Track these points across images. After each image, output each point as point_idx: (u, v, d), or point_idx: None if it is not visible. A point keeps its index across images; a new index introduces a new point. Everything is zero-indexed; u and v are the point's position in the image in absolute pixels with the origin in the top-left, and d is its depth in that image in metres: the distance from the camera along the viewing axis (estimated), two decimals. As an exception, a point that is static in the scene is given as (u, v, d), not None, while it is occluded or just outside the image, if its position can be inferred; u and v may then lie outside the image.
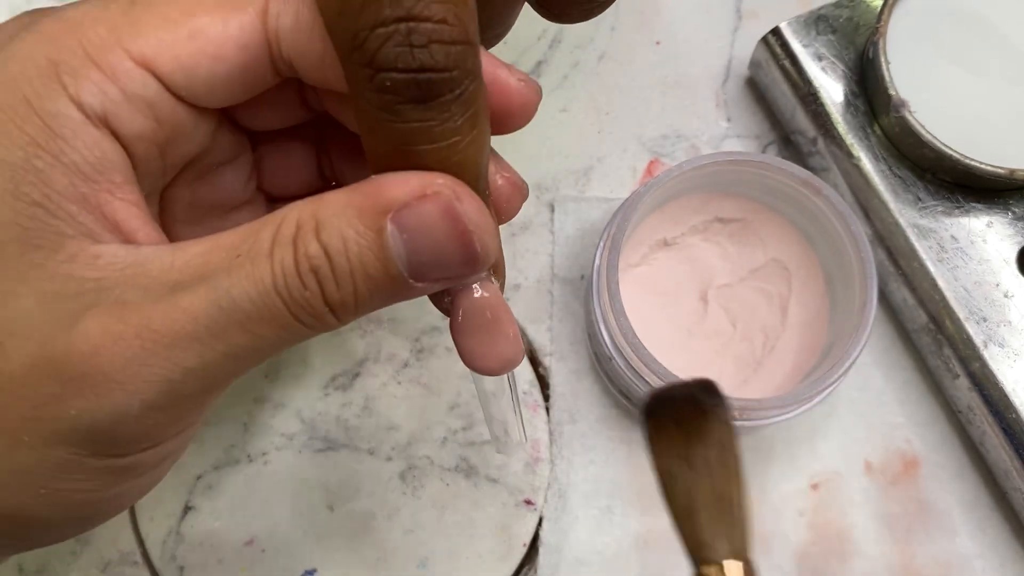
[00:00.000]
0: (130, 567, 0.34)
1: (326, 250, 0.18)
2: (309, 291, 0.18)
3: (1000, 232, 0.34)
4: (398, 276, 0.19)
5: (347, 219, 0.18)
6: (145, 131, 0.20)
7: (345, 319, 0.20)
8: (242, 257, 0.19)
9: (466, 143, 0.19)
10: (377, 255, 0.18)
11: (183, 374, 0.19)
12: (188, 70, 0.20)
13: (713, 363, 0.34)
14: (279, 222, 0.19)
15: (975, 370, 0.33)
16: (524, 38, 0.40)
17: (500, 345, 0.22)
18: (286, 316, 0.19)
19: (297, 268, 0.18)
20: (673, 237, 0.35)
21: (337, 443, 0.35)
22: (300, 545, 0.34)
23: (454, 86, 0.18)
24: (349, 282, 0.19)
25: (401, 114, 0.18)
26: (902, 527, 0.34)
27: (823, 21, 0.36)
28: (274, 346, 0.19)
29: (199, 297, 0.18)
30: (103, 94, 0.19)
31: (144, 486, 0.22)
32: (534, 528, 0.34)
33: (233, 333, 0.18)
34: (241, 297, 0.18)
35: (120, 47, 0.19)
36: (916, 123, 0.33)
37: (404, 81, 0.17)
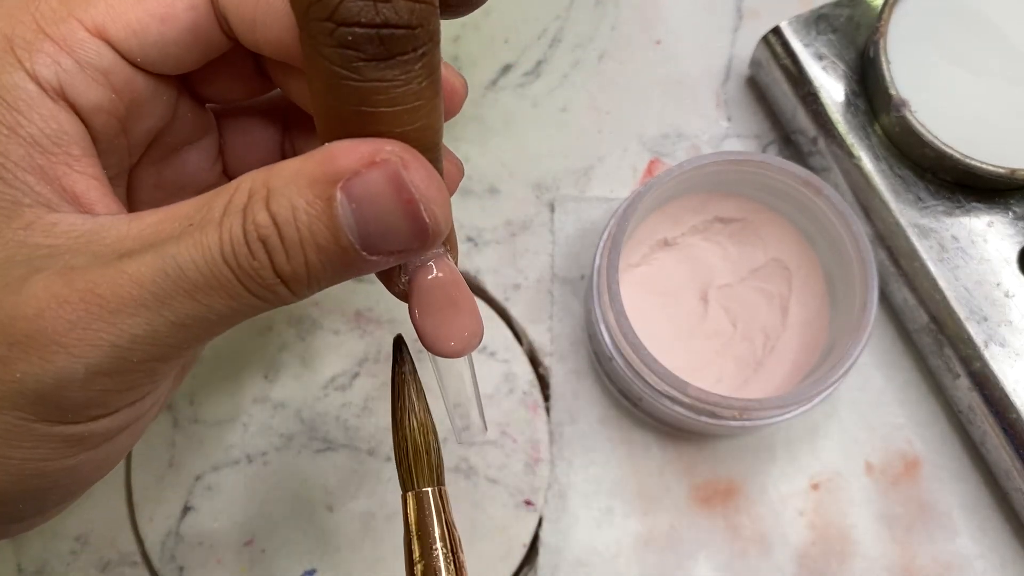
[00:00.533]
0: (129, 567, 0.34)
1: (275, 219, 0.18)
2: (258, 261, 0.18)
3: (1001, 232, 0.34)
4: (349, 247, 0.18)
5: (297, 188, 0.18)
6: (103, 101, 0.20)
7: (299, 291, 0.19)
8: (193, 225, 0.18)
9: (428, 109, 0.18)
10: (327, 225, 0.18)
11: (129, 340, 0.18)
12: (139, 35, 0.20)
13: (713, 363, 0.34)
14: (233, 190, 0.19)
15: (976, 370, 0.33)
16: (524, 37, 0.40)
17: (460, 323, 0.21)
18: (235, 286, 0.18)
19: (245, 237, 0.18)
20: (673, 237, 0.35)
21: (337, 443, 0.35)
22: (300, 545, 0.34)
23: (417, 44, 0.17)
24: (299, 253, 0.18)
25: (361, 72, 0.17)
26: (902, 527, 0.34)
27: (824, 20, 0.36)
28: (226, 317, 0.19)
29: (145, 263, 0.18)
30: (57, 65, 0.20)
31: (102, 460, 0.22)
32: (534, 529, 0.34)
33: (180, 301, 0.18)
34: (187, 264, 0.18)
35: (73, 17, 0.20)
36: (917, 123, 0.33)
37: (366, 36, 0.17)
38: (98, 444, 0.21)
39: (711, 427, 0.32)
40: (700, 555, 0.34)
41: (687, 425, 0.33)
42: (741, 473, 0.35)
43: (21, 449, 0.19)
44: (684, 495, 0.35)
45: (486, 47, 0.40)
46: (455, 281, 0.21)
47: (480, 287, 0.37)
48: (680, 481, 0.35)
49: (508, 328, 0.36)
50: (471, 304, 0.21)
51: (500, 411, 0.35)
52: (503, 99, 0.39)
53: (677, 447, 0.35)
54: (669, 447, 0.35)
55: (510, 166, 0.38)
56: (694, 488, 0.35)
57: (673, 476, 0.35)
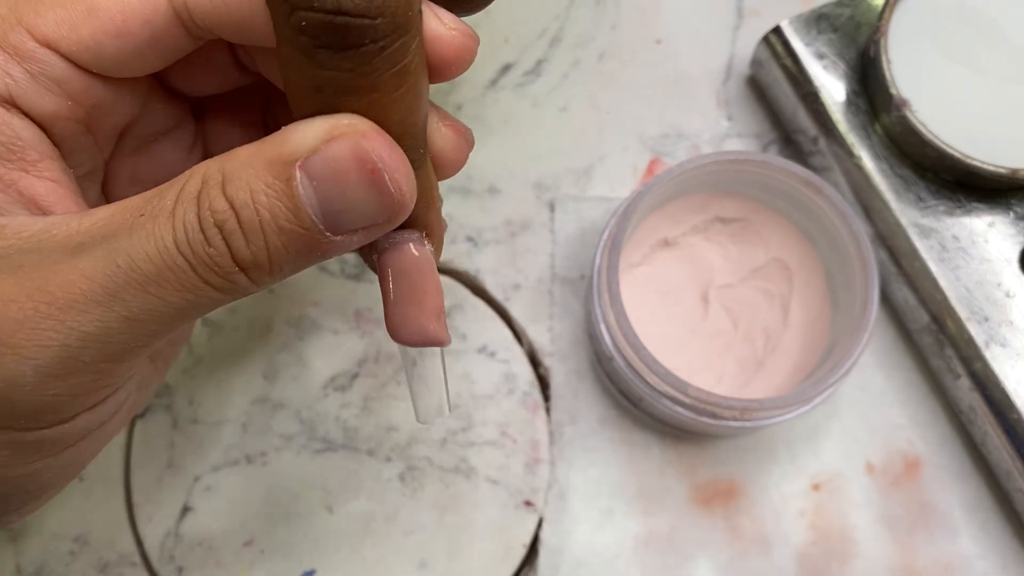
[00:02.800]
0: (128, 568, 0.33)
1: (232, 204, 0.17)
2: (214, 248, 0.17)
3: (1002, 232, 0.33)
4: (312, 228, 0.17)
5: (254, 171, 0.17)
6: (59, 110, 0.20)
7: (259, 279, 0.18)
8: (145, 216, 0.18)
9: (388, 100, 0.17)
10: (288, 206, 0.17)
11: (80, 339, 0.18)
12: (92, 49, 0.19)
13: (714, 363, 0.34)
14: (185, 179, 0.18)
15: (977, 370, 0.33)
16: (524, 37, 0.40)
17: (424, 317, 0.20)
18: (191, 276, 0.18)
19: (200, 224, 0.17)
20: (674, 237, 0.35)
21: (336, 444, 0.35)
22: (299, 546, 0.34)
23: (376, 36, 0.16)
24: (259, 236, 0.17)
25: (317, 59, 0.17)
26: (903, 528, 0.34)
27: (824, 20, 0.36)
28: (181, 311, 0.18)
29: (96, 258, 0.17)
30: (6, 75, 0.19)
31: (65, 467, 0.21)
32: (534, 529, 0.34)
33: (132, 294, 0.17)
34: (139, 256, 0.17)
35: (21, 26, 0.19)
36: (917, 122, 0.33)
37: (319, 23, 0.16)
38: (58, 451, 0.20)
39: (712, 427, 0.32)
40: (701, 556, 0.34)
41: (688, 425, 0.33)
42: (742, 473, 0.35)
43: None
44: (685, 495, 0.34)
45: (486, 46, 0.40)
46: (423, 269, 0.20)
47: (480, 287, 0.37)
48: (681, 481, 0.35)
49: (508, 328, 0.36)
50: (436, 300, 0.21)
51: (500, 411, 0.35)
52: (503, 99, 0.39)
53: (678, 447, 0.35)
54: (670, 447, 0.35)
55: (510, 166, 0.38)
56: (695, 488, 0.35)
57: (674, 476, 0.35)
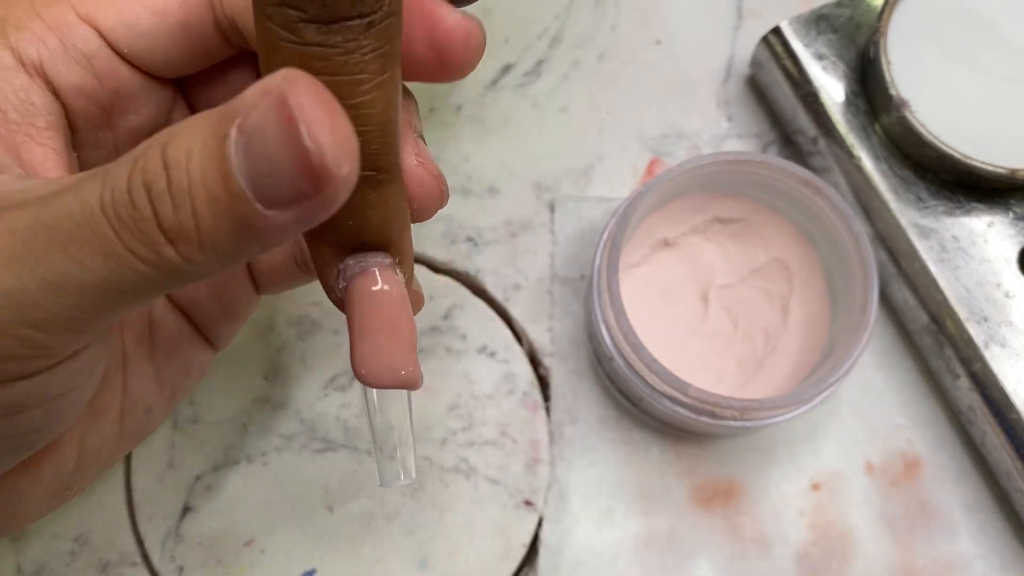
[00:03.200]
0: (129, 568, 0.34)
1: (166, 163, 0.16)
2: (138, 211, 0.16)
3: (1001, 232, 0.33)
4: (240, 195, 0.15)
5: (196, 129, 0.16)
6: (83, 84, 0.21)
7: (189, 255, 0.16)
8: (86, 176, 0.17)
9: (372, 85, 0.17)
10: (217, 167, 0.15)
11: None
12: (128, 24, 0.20)
13: (714, 363, 0.34)
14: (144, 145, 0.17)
15: (976, 370, 0.33)
16: (524, 37, 0.40)
17: (394, 352, 0.19)
18: (113, 241, 0.16)
19: (129, 183, 0.16)
20: (674, 237, 0.35)
21: (336, 444, 0.35)
22: (299, 546, 0.34)
23: (363, 9, 0.16)
24: (187, 201, 0.15)
25: (301, 34, 0.16)
26: (903, 528, 0.34)
27: (824, 20, 0.36)
28: (107, 281, 0.16)
29: (25, 212, 0.16)
30: (41, 43, 0.20)
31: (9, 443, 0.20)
32: (534, 529, 0.34)
33: (53, 255, 0.16)
34: (62, 213, 0.16)
35: (67, 2, 0.20)
36: (917, 123, 0.33)
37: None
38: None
39: (712, 427, 0.32)
40: (700, 555, 0.34)
41: (688, 425, 0.33)
42: (742, 473, 0.35)
43: None
44: (684, 495, 0.35)
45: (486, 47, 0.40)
46: (396, 300, 0.19)
47: (480, 287, 0.37)
48: (680, 481, 0.35)
49: (508, 328, 0.36)
50: (412, 332, 0.19)
51: (500, 411, 0.35)
52: (503, 99, 0.39)
53: (677, 447, 0.35)
54: (669, 447, 0.35)
55: (510, 166, 0.38)
56: (694, 488, 0.35)
57: (673, 476, 0.35)
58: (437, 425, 0.35)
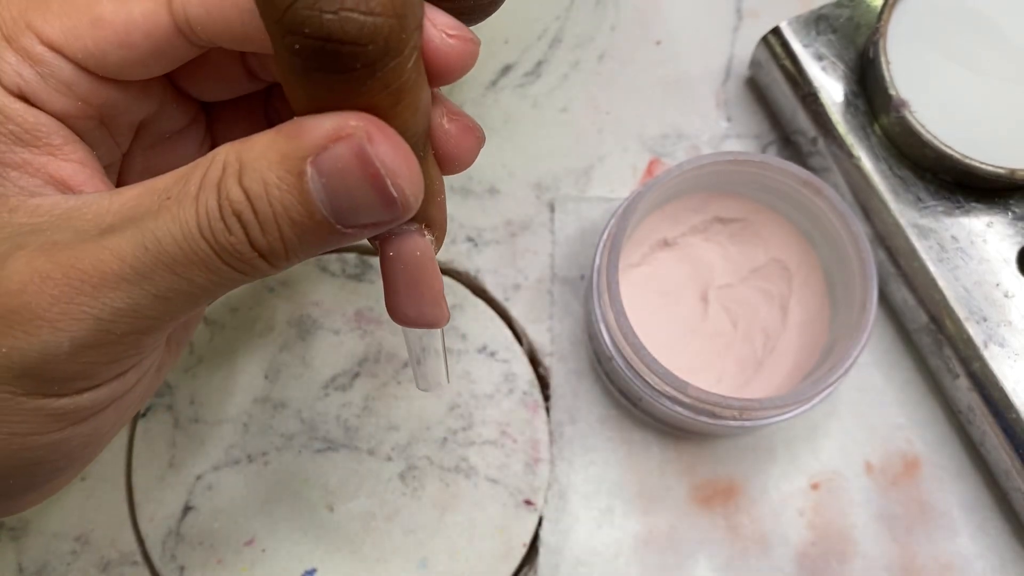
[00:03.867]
0: (130, 567, 0.34)
1: (248, 194, 0.18)
2: (234, 236, 0.18)
3: (1000, 232, 0.34)
4: (323, 221, 0.18)
5: (268, 163, 0.18)
6: (69, 109, 0.21)
7: (279, 264, 0.19)
8: (171, 200, 0.19)
9: (385, 116, 0.18)
10: (299, 200, 0.18)
11: (112, 314, 0.19)
12: (96, 56, 0.20)
13: (714, 363, 0.34)
14: (208, 164, 0.19)
15: (975, 370, 0.33)
16: (524, 38, 0.40)
17: (420, 304, 0.21)
18: (214, 260, 0.18)
19: (220, 212, 0.18)
20: (673, 237, 0.35)
21: (337, 443, 0.35)
22: (300, 545, 0.34)
23: (368, 61, 0.16)
24: (274, 227, 0.18)
25: (312, 79, 0.17)
26: (902, 527, 0.34)
27: (823, 21, 0.36)
28: (208, 289, 0.19)
29: (126, 238, 0.18)
30: (18, 75, 0.20)
31: (90, 435, 0.22)
32: (534, 528, 0.34)
33: (161, 274, 0.18)
34: (166, 239, 0.18)
35: (30, 30, 0.20)
36: (916, 123, 0.33)
37: (312, 48, 0.16)
38: (85, 418, 0.21)
39: (711, 427, 0.32)
40: (700, 555, 0.34)
41: (687, 425, 0.33)
42: (741, 473, 0.35)
43: (8, 423, 0.19)
44: (684, 495, 0.35)
45: (486, 47, 0.40)
46: (421, 260, 0.21)
47: (480, 287, 0.37)
48: (680, 481, 0.35)
49: (508, 328, 0.36)
50: (433, 288, 0.21)
51: (500, 411, 0.35)
52: (503, 99, 0.39)
53: (677, 447, 0.35)
54: (669, 447, 0.35)
55: (510, 166, 0.38)
56: (694, 488, 0.35)
57: (673, 476, 0.35)
58: (437, 425, 0.35)
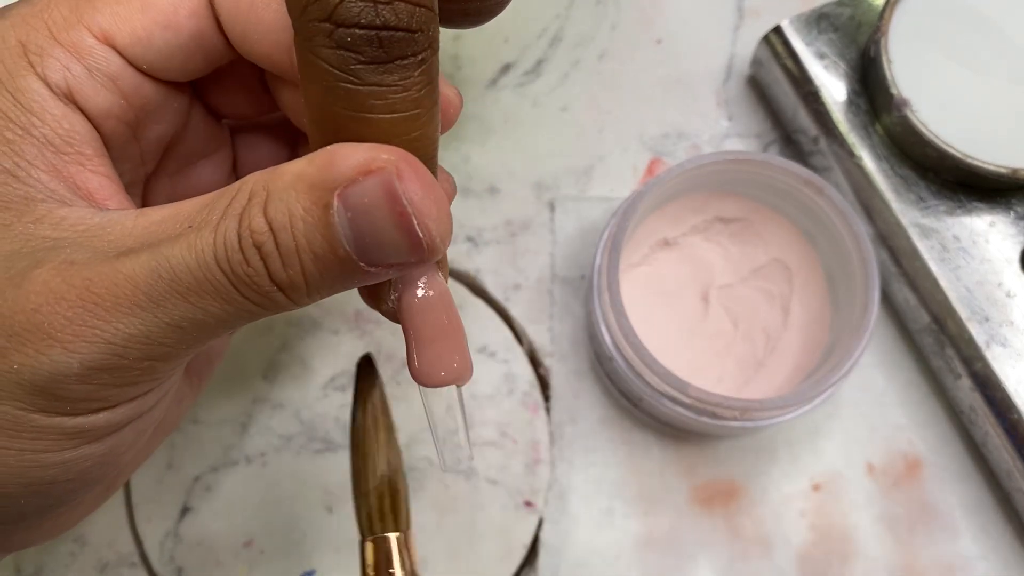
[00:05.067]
0: (128, 568, 0.33)
1: (271, 225, 0.17)
2: (252, 267, 0.18)
3: (1003, 232, 0.33)
4: (347, 258, 0.18)
5: (296, 193, 0.17)
6: (112, 106, 0.21)
7: (298, 299, 0.18)
8: (192, 227, 0.18)
9: (426, 118, 0.18)
10: (323, 234, 0.17)
11: (124, 339, 0.18)
12: (144, 41, 0.21)
13: (715, 363, 0.34)
14: (236, 191, 0.18)
15: (977, 370, 0.33)
16: (524, 36, 0.40)
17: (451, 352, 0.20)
18: (230, 291, 0.18)
19: (240, 242, 0.18)
20: (674, 237, 0.35)
21: (336, 444, 0.35)
22: (299, 546, 0.34)
23: (417, 49, 0.17)
24: (295, 261, 0.18)
25: (360, 75, 0.17)
26: (904, 528, 0.34)
27: (825, 19, 0.36)
28: (225, 320, 0.19)
29: (140, 263, 0.18)
30: (66, 70, 0.20)
31: (105, 456, 0.21)
32: (534, 529, 0.34)
33: (174, 303, 0.18)
34: (180, 266, 0.18)
35: (81, 24, 0.20)
36: (918, 122, 0.33)
37: (366, 38, 0.16)
38: (99, 438, 0.21)
39: (712, 428, 0.32)
40: (701, 556, 0.34)
41: (688, 425, 0.33)
42: (742, 474, 0.35)
43: (20, 440, 0.19)
44: (685, 496, 0.34)
45: (486, 46, 0.40)
46: (446, 302, 0.20)
47: (480, 287, 0.37)
48: (681, 482, 0.35)
49: (508, 328, 0.36)
50: (461, 330, 0.20)
51: (500, 411, 0.35)
52: (503, 98, 0.39)
53: (678, 448, 0.35)
54: (670, 448, 0.35)
55: (510, 166, 0.38)
56: (695, 489, 0.35)
57: (674, 477, 0.35)
58: (437, 425, 0.35)
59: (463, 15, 0.20)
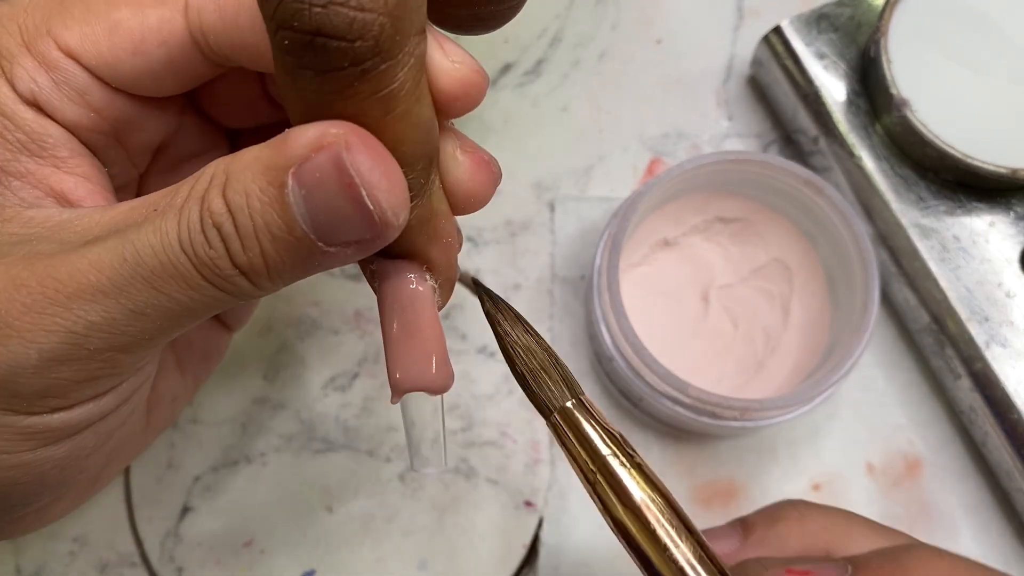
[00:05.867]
0: (128, 568, 0.33)
1: (229, 206, 0.17)
2: (214, 249, 0.17)
3: (1002, 232, 0.33)
4: (304, 238, 0.17)
5: (252, 174, 0.17)
6: (81, 119, 0.21)
7: (260, 284, 0.18)
8: (157, 211, 0.18)
9: (375, 126, 0.17)
10: (279, 214, 0.17)
11: (85, 327, 0.18)
12: (111, 64, 0.20)
13: (715, 363, 0.34)
14: (199, 176, 0.18)
15: (977, 370, 0.33)
16: (524, 37, 0.40)
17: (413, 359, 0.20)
18: (193, 275, 0.18)
19: (201, 224, 0.17)
20: (674, 237, 0.35)
21: (336, 444, 0.35)
22: (299, 546, 0.34)
23: (356, 59, 0.16)
24: (254, 243, 0.17)
25: (300, 80, 0.16)
26: (904, 528, 0.34)
27: (825, 20, 0.36)
28: (189, 308, 0.18)
29: (106, 248, 0.18)
30: (32, 81, 0.20)
31: (64, 459, 0.21)
32: (534, 529, 0.34)
33: (138, 288, 0.18)
34: (145, 250, 0.17)
35: (49, 36, 0.20)
36: (918, 122, 0.33)
37: (299, 42, 0.15)
38: (58, 439, 0.20)
39: (712, 428, 0.32)
40: (701, 556, 0.34)
41: (688, 426, 0.33)
42: (742, 474, 0.35)
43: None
44: (685, 496, 0.34)
45: (486, 46, 0.40)
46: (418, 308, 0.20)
47: (480, 287, 0.37)
48: (681, 482, 0.35)
49: (508, 328, 0.36)
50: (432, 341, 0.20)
51: (500, 412, 0.35)
52: (503, 98, 0.39)
53: (678, 448, 0.35)
54: (670, 448, 0.35)
55: (510, 166, 0.38)
56: (695, 489, 0.35)
57: (674, 477, 0.35)
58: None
59: (475, 20, 0.20)
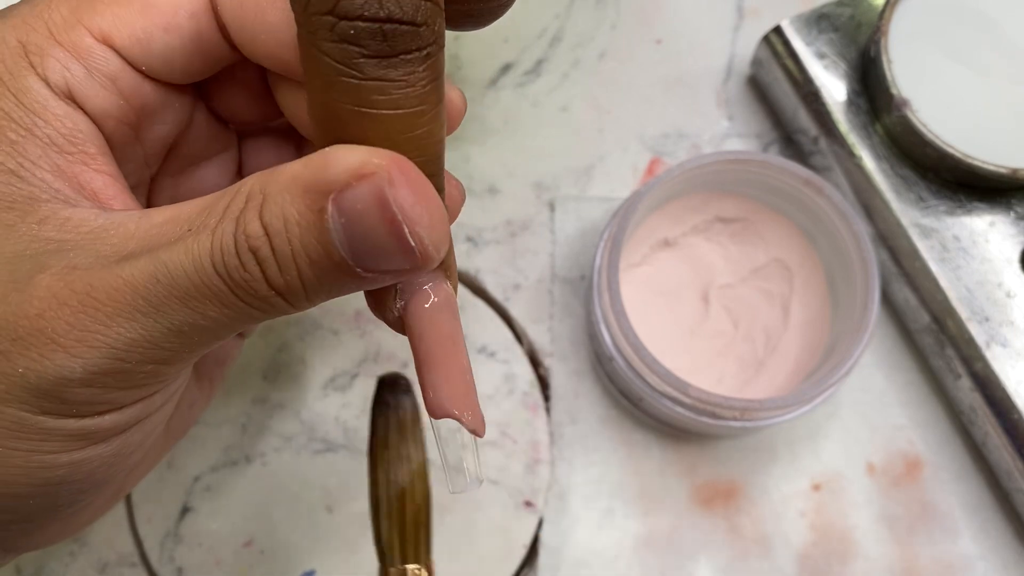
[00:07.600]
0: (128, 568, 0.33)
1: (267, 230, 0.17)
2: (249, 272, 0.17)
3: (1003, 231, 0.33)
4: (342, 264, 0.17)
5: (291, 196, 0.17)
6: (112, 107, 0.21)
7: (299, 305, 0.18)
8: (191, 230, 0.18)
9: (430, 116, 0.18)
10: (318, 240, 0.17)
11: (126, 344, 0.18)
12: (144, 43, 0.21)
13: (715, 363, 0.34)
14: (235, 192, 0.18)
15: (978, 370, 0.33)
16: (524, 36, 0.40)
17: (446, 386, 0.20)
18: (229, 296, 0.18)
19: (236, 247, 0.17)
20: (674, 237, 0.35)
21: (336, 444, 0.35)
22: (299, 547, 0.34)
23: (421, 43, 0.16)
24: (292, 266, 0.17)
25: (363, 69, 0.16)
26: (904, 528, 0.34)
27: (825, 19, 0.36)
28: (226, 324, 0.18)
29: (139, 268, 0.18)
30: (66, 70, 0.20)
31: (112, 457, 0.21)
32: (534, 530, 0.34)
33: (174, 308, 0.18)
34: (178, 272, 0.18)
35: (81, 25, 0.20)
36: (918, 122, 0.33)
37: (369, 31, 0.16)
38: (106, 439, 0.21)
39: (712, 428, 0.32)
40: (701, 556, 0.34)
41: (688, 426, 0.33)
42: (742, 474, 0.35)
43: (28, 441, 0.19)
44: (685, 496, 0.34)
45: (486, 46, 0.40)
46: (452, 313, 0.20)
47: (480, 287, 0.37)
48: (681, 482, 0.35)
49: (508, 328, 0.36)
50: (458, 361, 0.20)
51: (500, 412, 0.35)
52: (503, 98, 0.39)
53: (678, 448, 0.35)
54: (670, 448, 0.35)
55: (510, 166, 0.38)
56: (695, 489, 0.35)
57: (674, 477, 0.35)
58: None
59: (466, 16, 0.20)
